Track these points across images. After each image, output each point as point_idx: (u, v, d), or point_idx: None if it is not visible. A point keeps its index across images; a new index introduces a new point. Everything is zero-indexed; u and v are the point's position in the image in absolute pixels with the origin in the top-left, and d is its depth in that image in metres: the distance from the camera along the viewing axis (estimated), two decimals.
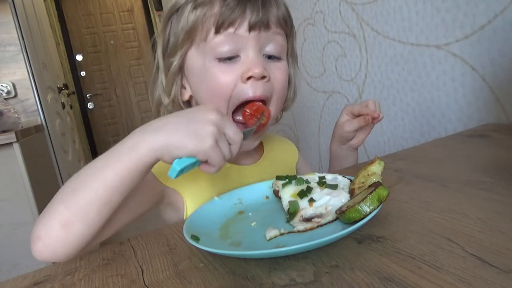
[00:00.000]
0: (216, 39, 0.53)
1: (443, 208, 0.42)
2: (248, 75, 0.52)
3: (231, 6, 0.51)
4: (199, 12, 0.53)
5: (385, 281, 0.30)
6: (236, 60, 0.54)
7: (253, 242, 0.42)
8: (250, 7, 0.52)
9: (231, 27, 0.52)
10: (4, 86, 1.93)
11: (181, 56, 0.57)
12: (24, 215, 1.57)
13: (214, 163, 0.42)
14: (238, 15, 0.52)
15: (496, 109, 0.77)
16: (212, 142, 0.41)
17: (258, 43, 0.54)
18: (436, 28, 0.86)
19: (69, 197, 0.41)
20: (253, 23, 0.52)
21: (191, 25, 0.54)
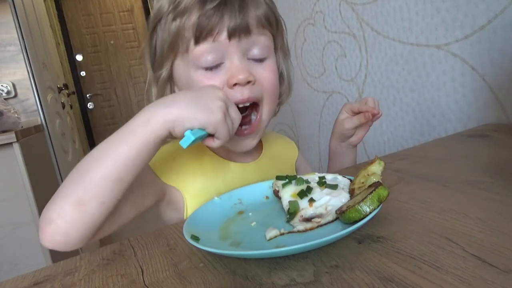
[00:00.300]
0: (197, 49, 0.52)
1: (443, 208, 0.42)
2: (233, 82, 0.52)
3: (208, 14, 0.50)
4: (178, 23, 0.52)
5: (385, 281, 0.30)
6: (221, 67, 0.53)
7: (253, 242, 0.42)
8: (228, 13, 0.50)
9: (210, 36, 0.51)
10: (4, 86, 1.93)
11: (168, 68, 0.57)
12: (24, 215, 1.57)
13: (221, 136, 0.46)
14: (216, 23, 0.50)
15: (496, 109, 0.77)
16: (221, 116, 0.45)
17: (241, 49, 0.53)
18: (436, 28, 0.86)
19: (81, 177, 0.41)
20: (232, 29, 0.51)
21: (172, 37, 0.53)
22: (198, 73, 0.54)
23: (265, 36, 0.55)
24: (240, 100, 0.53)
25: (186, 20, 0.52)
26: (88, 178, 0.41)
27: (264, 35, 0.55)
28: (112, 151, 0.42)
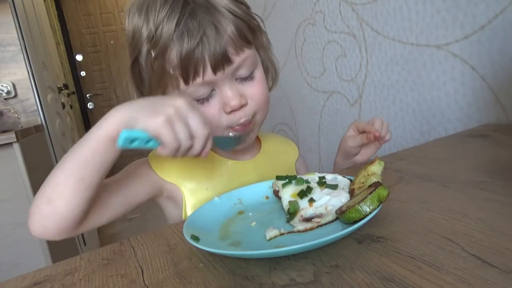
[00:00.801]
0: (189, 89, 0.53)
1: (443, 208, 0.42)
2: (228, 110, 0.55)
3: (190, 56, 0.50)
4: (160, 63, 0.53)
5: (385, 281, 0.30)
6: (213, 95, 0.55)
7: (253, 242, 0.42)
8: (206, 48, 0.50)
9: (197, 77, 0.52)
10: (4, 86, 1.93)
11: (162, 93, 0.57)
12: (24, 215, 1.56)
13: (164, 141, 0.42)
14: (199, 62, 0.51)
15: (496, 109, 0.77)
16: (163, 119, 0.42)
17: (227, 76, 0.54)
18: (436, 28, 0.86)
19: (51, 176, 0.45)
20: (215, 64, 0.51)
21: (158, 76, 0.54)
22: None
23: (246, 54, 0.55)
24: (242, 122, 0.56)
25: (168, 59, 0.52)
26: (55, 177, 0.44)
27: (245, 54, 0.55)
28: (74, 151, 0.45)
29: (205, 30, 0.50)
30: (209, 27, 0.51)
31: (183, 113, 0.43)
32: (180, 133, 0.43)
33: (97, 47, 3.71)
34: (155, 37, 0.52)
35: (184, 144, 0.43)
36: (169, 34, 0.51)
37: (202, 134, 0.44)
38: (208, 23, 0.51)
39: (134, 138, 0.41)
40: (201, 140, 0.44)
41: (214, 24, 0.51)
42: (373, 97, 1.12)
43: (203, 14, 0.51)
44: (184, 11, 0.51)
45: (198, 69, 0.51)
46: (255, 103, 0.57)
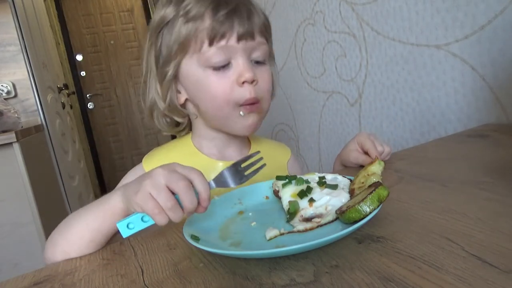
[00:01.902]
0: (210, 51, 0.58)
1: (443, 208, 0.42)
2: (242, 80, 0.58)
3: (221, 20, 0.57)
4: (191, 26, 0.58)
5: (385, 281, 0.30)
6: (228, 67, 0.59)
7: (253, 242, 0.42)
8: (237, 20, 0.58)
9: (223, 40, 0.57)
10: (4, 86, 1.93)
11: (175, 66, 0.61)
12: (24, 215, 1.57)
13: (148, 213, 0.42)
14: (228, 28, 0.57)
15: (496, 109, 0.77)
16: (141, 193, 0.42)
17: (246, 51, 0.59)
18: (436, 28, 0.86)
19: (66, 233, 0.50)
20: (241, 34, 0.58)
21: (184, 37, 0.58)
22: (208, 73, 0.59)
23: (264, 44, 0.62)
24: (248, 99, 0.59)
25: (199, 24, 0.57)
26: (69, 235, 0.50)
27: (264, 43, 0.62)
28: (86, 217, 0.50)
29: (238, 4, 0.58)
30: (243, 5, 0.59)
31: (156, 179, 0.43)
32: (159, 198, 0.42)
33: (97, 47, 3.71)
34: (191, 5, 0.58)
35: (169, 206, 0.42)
36: (207, 2, 0.57)
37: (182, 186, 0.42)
38: (242, 2, 0.59)
39: (128, 223, 0.43)
40: (187, 194, 0.42)
41: (246, 5, 0.60)
42: (373, 97, 1.12)
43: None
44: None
45: (226, 33, 0.57)
46: (262, 88, 0.61)
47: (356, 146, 0.67)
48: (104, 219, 0.49)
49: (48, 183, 1.88)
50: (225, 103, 0.59)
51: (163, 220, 0.42)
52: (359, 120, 1.20)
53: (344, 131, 1.30)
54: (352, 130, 1.25)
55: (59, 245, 0.50)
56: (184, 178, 0.43)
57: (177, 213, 0.42)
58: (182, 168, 0.44)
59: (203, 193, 0.43)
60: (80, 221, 0.50)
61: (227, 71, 0.59)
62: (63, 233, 0.51)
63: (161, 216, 0.42)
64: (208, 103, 0.61)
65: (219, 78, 0.59)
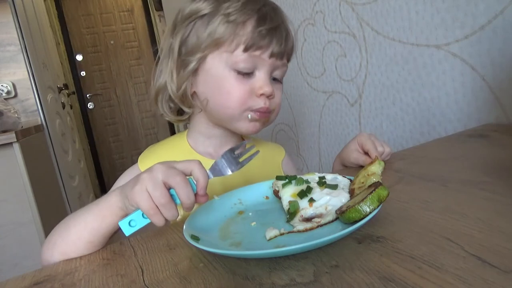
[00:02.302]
0: (242, 56, 0.60)
1: (443, 208, 0.42)
2: (261, 92, 0.61)
3: (263, 33, 0.60)
4: (230, 28, 0.59)
5: (385, 281, 0.30)
6: (251, 76, 0.62)
7: (253, 242, 0.42)
8: (276, 39, 0.61)
9: (258, 51, 0.60)
10: (4, 86, 1.93)
11: (200, 58, 0.62)
12: (24, 215, 1.57)
13: (142, 208, 0.43)
14: (266, 43, 0.60)
15: (496, 109, 0.77)
16: (137, 187, 0.43)
17: (271, 67, 0.62)
18: (436, 28, 0.86)
19: (64, 234, 0.50)
20: (275, 52, 0.61)
21: (220, 35, 0.60)
22: (231, 74, 0.61)
23: (286, 65, 0.66)
24: (261, 108, 0.62)
25: (240, 29, 0.59)
26: (68, 235, 0.50)
27: (286, 64, 0.66)
28: (85, 217, 0.50)
29: (280, 25, 0.62)
30: (284, 26, 0.63)
31: (154, 173, 0.43)
32: (154, 193, 0.42)
33: (97, 47, 3.71)
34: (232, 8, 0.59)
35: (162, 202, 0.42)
36: (252, 9, 0.60)
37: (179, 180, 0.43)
38: (283, 23, 0.64)
39: (130, 220, 0.43)
40: (183, 189, 0.43)
41: (286, 28, 0.64)
42: (373, 97, 1.12)
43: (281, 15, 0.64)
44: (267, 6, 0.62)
45: (262, 47, 0.60)
46: (275, 103, 0.65)
47: (356, 146, 0.67)
48: (103, 219, 0.49)
49: (48, 183, 1.88)
50: (237, 105, 0.61)
51: (160, 221, 0.43)
52: (359, 120, 1.20)
53: (344, 131, 1.30)
54: (352, 130, 1.25)
55: (58, 246, 0.50)
56: (181, 173, 0.44)
57: (170, 210, 0.43)
58: (181, 163, 0.45)
59: (201, 181, 0.44)
60: (78, 222, 0.50)
61: (249, 79, 0.61)
62: (61, 234, 0.51)
63: (157, 217, 0.42)
64: (221, 100, 0.62)
65: (240, 82, 0.61)
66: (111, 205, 0.48)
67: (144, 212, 0.43)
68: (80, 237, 0.49)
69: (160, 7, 3.29)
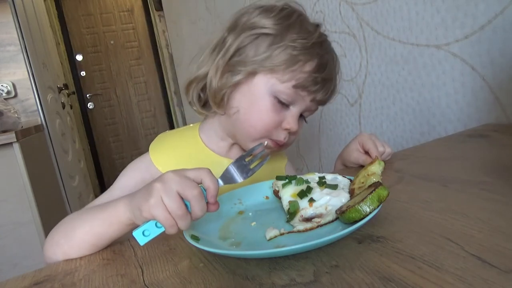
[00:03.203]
0: (289, 90, 0.61)
1: (443, 208, 0.42)
2: (288, 127, 0.63)
3: (317, 80, 0.61)
4: (292, 61, 0.60)
5: (385, 281, 0.30)
6: (286, 108, 0.63)
7: (253, 242, 0.42)
8: (324, 90, 0.63)
9: (305, 92, 0.62)
10: (4, 86, 1.93)
11: (250, 73, 0.62)
12: (24, 215, 1.57)
13: (159, 220, 0.41)
14: (315, 89, 0.62)
15: (496, 109, 0.77)
16: (153, 200, 0.41)
17: (306, 108, 0.65)
18: (436, 28, 0.86)
19: (68, 234, 0.50)
20: (318, 99, 0.64)
21: (279, 64, 0.60)
22: (270, 98, 0.62)
23: (317, 110, 0.68)
24: (280, 141, 0.64)
25: (299, 66, 0.60)
26: (72, 236, 0.50)
27: (317, 109, 0.68)
28: (91, 221, 0.50)
29: (331, 78, 0.65)
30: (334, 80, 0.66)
31: (168, 184, 0.42)
32: (170, 205, 0.41)
33: (97, 47, 3.71)
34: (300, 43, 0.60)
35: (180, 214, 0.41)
36: (318, 53, 0.62)
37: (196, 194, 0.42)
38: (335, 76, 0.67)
39: (144, 230, 0.42)
40: (199, 202, 0.42)
41: (334, 82, 0.67)
42: (373, 97, 1.12)
43: (337, 68, 0.67)
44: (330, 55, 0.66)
45: (310, 90, 0.62)
46: (292, 138, 0.67)
47: (357, 146, 0.67)
48: (109, 226, 0.48)
49: (48, 183, 1.88)
50: (263, 130, 0.62)
51: (175, 230, 0.42)
52: (359, 120, 1.20)
53: (344, 131, 1.30)
54: (352, 130, 1.25)
55: (61, 246, 0.50)
56: (197, 186, 0.43)
57: (186, 221, 0.42)
58: (192, 171, 0.44)
59: (212, 189, 0.43)
60: (84, 225, 0.50)
61: (282, 110, 0.63)
62: (66, 235, 0.51)
63: (173, 228, 0.42)
64: (251, 118, 0.63)
65: (275, 111, 0.62)
66: (119, 215, 0.47)
67: (162, 224, 0.42)
68: (85, 240, 0.49)
69: (160, 7, 3.29)
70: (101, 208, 0.51)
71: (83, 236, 0.49)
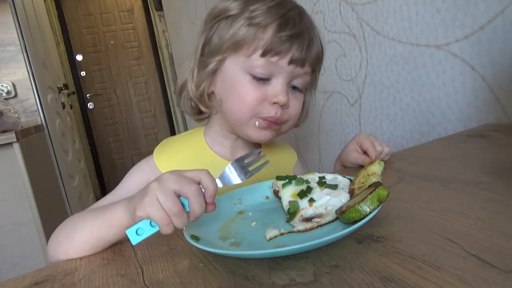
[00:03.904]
0: (259, 61, 0.58)
1: (443, 208, 0.42)
2: (275, 100, 0.59)
3: (283, 39, 0.57)
4: (251, 31, 0.58)
5: (385, 281, 0.30)
6: (267, 82, 0.60)
7: (253, 242, 0.42)
8: (297, 44, 0.58)
9: (276, 57, 0.58)
10: (4, 86, 1.93)
11: (220, 60, 0.61)
12: (24, 215, 1.57)
13: (153, 218, 0.41)
14: (285, 49, 0.57)
15: (496, 109, 0.77)
16: (148, 198, 0.41)
17: (290, 75, 0.60)
18: (436, 28, 0.86)
19: (70, 235, 0.51)
20: (294, 59, 0.58)
21: (240, 38, 0.58)
22: (246, 78, 0.59)
23: (309, 74, 0.63)
24: (272, 117, 0.60)
25: (260, 33, 0.57)
26: (73, 238, 0.50)
27: (309, 72, 0.62)
28: (92, 223, 0.50)
29: (303, 31, 0.59)
30: (307, 33, 0.60)
31: (164, 183, 0.42)
32: (166, 202, 0.41)
33: (97, 47, 3.71)
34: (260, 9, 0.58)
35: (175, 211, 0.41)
36: (276, 14, 0.57)
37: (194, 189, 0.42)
38: (308, 29, 0.60)
39: (137, 229, 0.42)
40: (197, 198, 0.42)
41: (310, 34, 0.60)
42: (373, 97, 1.12)
43: (306, 21, 0.61)
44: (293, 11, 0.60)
45: (281, 52, 0.57)
46: (290, 113, 0.62)
47: (355, 146, 0.67)
48: (108, 229, 0.48)
49: (48, 183, 1.88)
50: (247, 110, 0.60)
51: (170, 230, 0.42)
52: (359, 120, 1.20)
53: (344, 131, 1.30)
54: (352, 130, 1.25)
55: (63, 246, 0.50)
56: (195, 182, 0.42)
57: (182, 219, 0.41)
58: (190, 172, 0.44)
59: (210, 189, 0.43)
60: (85, 227, 0.50)
61: (264, 85, 0.59)
62: (68, 235, 0.51)
63: (168, 227, 0.41)
64: (232, 103, 0.61)
65: (254, 88, 0.59)
66: (117, 218, 0.47)
67: (157, 223, 0.41)
68: (85, 241, 0.49)
69: (160, 7, 3.29)
70: (101, 210, 0.51)
71: (83, 238, 0.49)
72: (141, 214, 0.42)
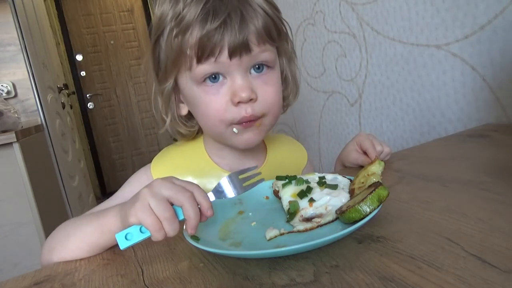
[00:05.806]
0: (200, 68, 0.52)
1: (443, 208, 0.42)
2: (237, 100, 0.52)
3: (210, 35, 0.50)
4: (180, 41, 0.52)
5: (385, 281, 0.30)
6: (223, 83, 0.53)
7: (253, 242, 0.42)
8: (228, 33, 0.50)
9: (212, 57, 0.51)
10: (4, 86, 1.93)
11: (171, 82, 0.57)
12: (24, 215, 1.57)
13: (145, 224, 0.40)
14: (217, 43, 0.50)
15: (496, 109, 0.77)
16: (139, 203, 0.41)
17: (242, 66, 0.52)
18: (436, 28, 0.86)
19: (64, 241, 0.50)
20: (233, 49, 0.50)
21: (174, 54, 0.53)
22: (201, 89, 0.54)
23: (267, 51, 0.54)
24: (244, 118, 0.53)
25: (188, 38, 0.51)
26: (67, 243, 0.50)
27: (266, 50, 0.54)
28: (84, 229, 0.49)
29: (230, 13, 0.50)
30: (235, 12, 0.50)
31: (156, 189, 0.41)
32: (158, 208, 0.40)
33: (97, 47, 3.70)
34: (181, 15, 0.51)
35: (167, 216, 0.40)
36: (195, 13, 0.50)
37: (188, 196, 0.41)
38: (235, 8, 0.50)
39: (126, 233, 0.42)
40: (192, 204, 0.40)
41: (241, 10, 0.50)
42: (373, 97, 1.12)
43: (231, 2, 0.51)
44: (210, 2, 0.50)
45: (215, 50, 0.50)
46: (265, 103, 0.55)
47: (355, 146, 0.67)
48: (101, 235, 0.48)
49: (48, 183, 1.88)
50: (218, 122, 0.55)
51: (161, 236, 0.41)
52: (359, 120, 1.20)
53: (344, 131, 1.30)
54: (352, 130, 1.25)
55: (57, 252, 0.49)
56: (188, 190, 0.42)
57: (173, 225, 0.40)
58: (181, 181, 0.43)
59: (204, 204, 0.42)
60: (78, 233, 0.49)
61: (220, 89, 0.53)
62: (61, 241, 0.50)
63: (160, 233, 0.40)
64: (202, 121, 0.58)
65: (212, 97, 0.53)
66: (109, 224, 0.47)
67: (148, 228, 0.40)
68: (79, 247, 0.49)
69: None
70: (94, 216, 0.50)
71: (77, 244, 0.49)
72: (132, 220, 0.41)
